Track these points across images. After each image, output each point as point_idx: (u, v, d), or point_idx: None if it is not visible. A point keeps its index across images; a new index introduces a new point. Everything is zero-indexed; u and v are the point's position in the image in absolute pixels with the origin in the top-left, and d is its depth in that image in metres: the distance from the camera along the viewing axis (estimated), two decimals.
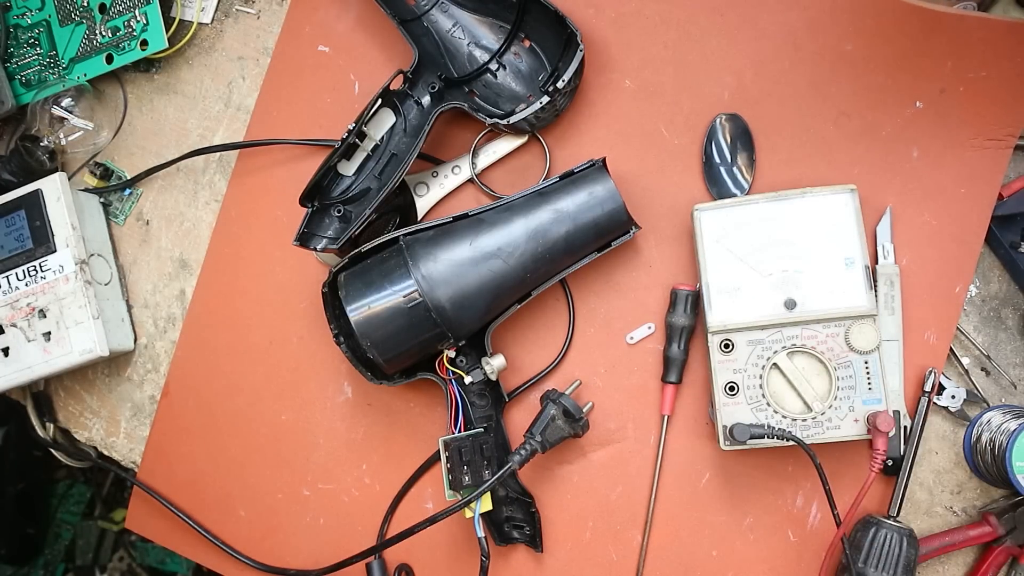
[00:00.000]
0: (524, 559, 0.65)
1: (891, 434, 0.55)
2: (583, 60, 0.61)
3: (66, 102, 0.71)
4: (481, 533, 0.58)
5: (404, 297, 0.57)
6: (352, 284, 0.58)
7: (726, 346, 0.58)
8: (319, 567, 0.65)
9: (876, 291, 0.60)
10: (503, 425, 0.64)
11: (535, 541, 0.63)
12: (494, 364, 0.61)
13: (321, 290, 0.61)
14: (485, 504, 0.59)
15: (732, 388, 0.57)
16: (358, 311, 0.57)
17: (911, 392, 0.60)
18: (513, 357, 0.65)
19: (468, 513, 0.58)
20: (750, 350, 0.57)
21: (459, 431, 0.61)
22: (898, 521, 0.59)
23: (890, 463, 0.60)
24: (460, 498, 0.58)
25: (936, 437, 0.62)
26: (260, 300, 0.70)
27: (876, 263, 0.60)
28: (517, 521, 0.64)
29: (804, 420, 0.56)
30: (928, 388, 0.60)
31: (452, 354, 0.61)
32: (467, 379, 0.61)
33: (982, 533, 0.60)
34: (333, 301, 0.61)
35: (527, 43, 0.65)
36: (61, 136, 0.71)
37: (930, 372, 0.60)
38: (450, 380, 0.62)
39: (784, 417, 0.57)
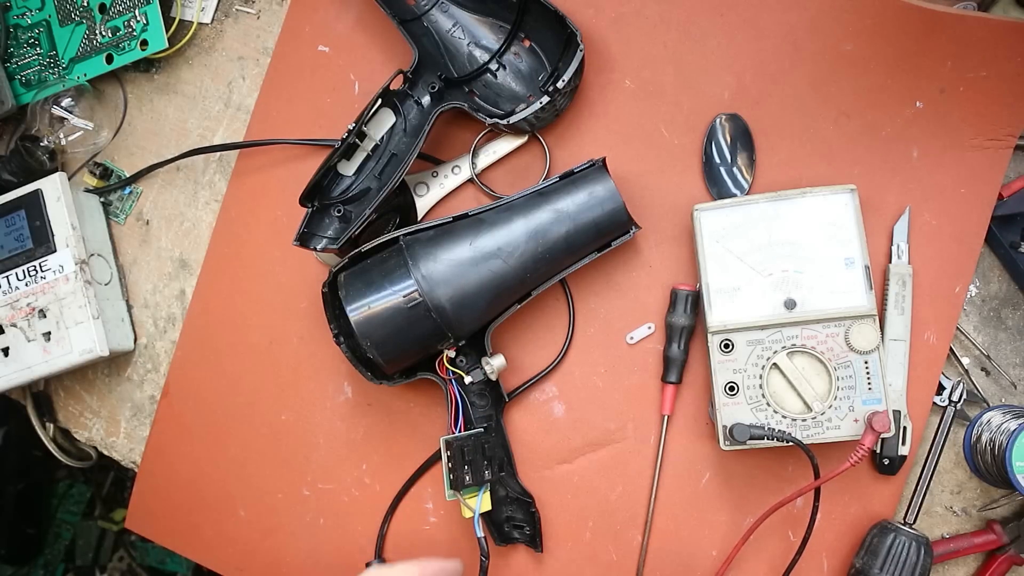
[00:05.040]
0: (524, 559, 0.65)
1: (888, 435, 0.55)
2: (583, 60, 0.61)
3: (66, 102, 0.71)
4: (481, 533, 0.58)
5: (404, 297, 0.57)
6: (352, 284, 0.58)
7: (726, 346, 0.58)
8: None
9: (887, 290, 0.60)
10: (503, 425, 0.64)
11: (535, 541, 0.63)
12: (494, 364, 0.61)
13: (321, 290, 0.61)
14: (485, 504, 0.59)
15: (732, 388, 0.57)
16: (358, 311, 0.57)
17: (914, 393, 0.60)
18: (513, 357, 0.65)
19: (468, 513, 0.58)
20: (750, 350, 0.57)
21: (459, 431, 0.61)
22: (915, 529, 0.59)
23: (887, 462, 0.60)
24: (461, 498, 0.58)
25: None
26: (260, 300, 0.70)
27: (889, 262, 0.60)
28: (517, 521, 0.64)
29: (804, 420, 0.56)
30: (956, 398, 0.60)
31: (452, 354, 0.61)
32: (467, 379, 0.61)
33: (987, 541, 0.60)
34: (333, 301, 0.61)
35: (527, 43, 0.65)
36: (61, 136, 0.71)
37: (958, 383, 0.60)
38: (450, 380, 0.62)
39: (784, 417, 0.57)
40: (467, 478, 0.59)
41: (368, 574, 0.53)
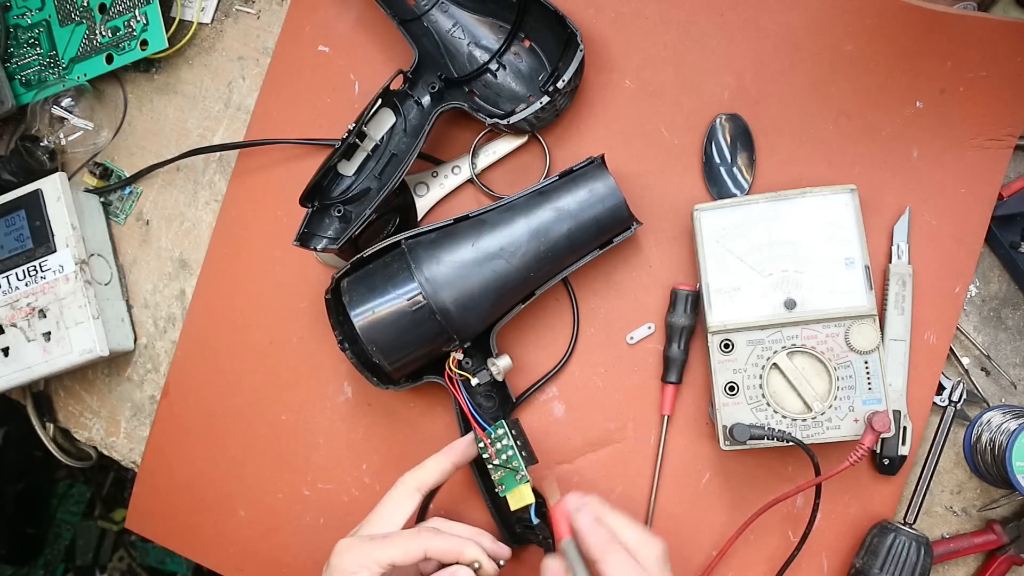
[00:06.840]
0: (536, 559, 0.64)
1: (888, 435, 0.55)
2: (583, 60, 0.61)
3: (66, 102, 0.71)
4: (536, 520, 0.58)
5: (408, 301, 0.57)
6: (355, 289, 0.58)
7: (726, 346, 0.58)
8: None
9: (887, 290, 0.60)
10: None
11: (546, 541, 0.63)
12: (500, 365, 0.61)
13: (324, 296, 0.61)
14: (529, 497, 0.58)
15: (732, 388, 0.57)
16: (363, 316, 0.57)
17: (914, 393, 0.60)
18: (517, 357, 0.65)
19: (526, 500, 0.57)
20: (750, 350, 0.57)
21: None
22: (915, 529, 0.59)
23: (887, 462, 0.60)
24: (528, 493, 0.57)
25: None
26: (260, 300, 0.70)
27: (889, 262, 0.60)
28: (527, 521, 0.63)
29: (804, 420, 0.56)
30: (956, 398, 0.60)
31: (459, 356, 0.61)
32: (473, 381, 0.61)
33: (987, 541, 0.60)
34: (336, 307, 0.61)
35: (527, 43, 0.65)
36: (61, 136, 0.71)
37: (958, 383, 0.60)
38: (456, 382, 0.61)
39: (784, 417, 0.57)
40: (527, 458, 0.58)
41: (400, 481, 0.56)
